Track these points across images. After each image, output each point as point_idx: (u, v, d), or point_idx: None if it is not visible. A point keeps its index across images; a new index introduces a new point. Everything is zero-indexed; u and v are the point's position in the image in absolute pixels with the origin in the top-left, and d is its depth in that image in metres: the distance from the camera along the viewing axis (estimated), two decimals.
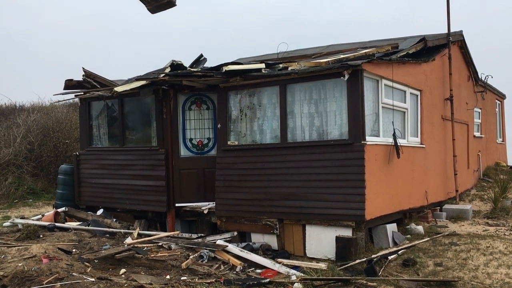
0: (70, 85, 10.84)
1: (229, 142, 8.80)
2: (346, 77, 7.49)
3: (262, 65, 8.75)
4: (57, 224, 9.50)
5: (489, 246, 7.41)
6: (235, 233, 8.62)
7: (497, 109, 17.80)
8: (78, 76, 10.74)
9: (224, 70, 8.52)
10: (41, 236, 8.69)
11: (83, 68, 10.64)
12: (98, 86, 10.55)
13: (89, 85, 10.67)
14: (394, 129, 8.26)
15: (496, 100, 17.68)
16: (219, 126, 8.90)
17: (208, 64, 10.92)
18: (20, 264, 6.46)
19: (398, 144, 8.18)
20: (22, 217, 10.83)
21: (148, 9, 6.27)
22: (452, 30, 11.46)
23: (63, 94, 11.10)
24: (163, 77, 8.74)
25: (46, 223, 9.48)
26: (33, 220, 10.08)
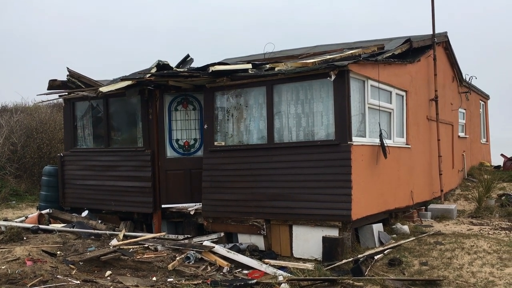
0: (54, 85, 10.71)
1: (215, 143, 8.76)
2: (333, 77, 7.52)
3: (249, 66, 8.73)
4: (41, 226, 9.37)
5: (473, 245, 7.49)
6: (222, 234, 8.60)
7: (481, 110, 18.03)
8: (63, 77, 10.64)
9: (210, 71, 8.49)
10: (24, 238, 8.57)
11: (67, 68, 10.53)
12: (83, 87, 10.44)
13: (73, 85, 10.55)
14: (380, 130, 8.31)
15: (480, 101, 17.91)
16: (205, 126, 8.87)
17: (195, 64, 10.88)
18: (3, 267, 6.37)
19: (385, 144, 8.23)
20: (5, 219, 10.66)
21: None
22: (438, 31, 11.59)
23: (46, 94, 10.97)
24: (149, 77, 8.68)
25: (30, 225, 9.35)
26: (16, 222, 9.92)
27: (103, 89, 9.04)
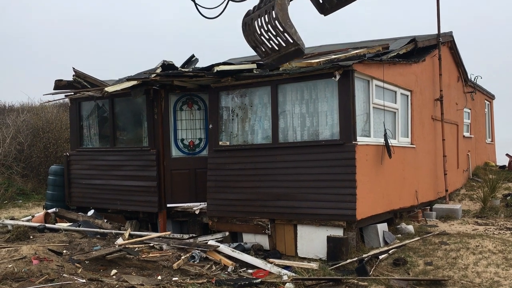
0: (60, 85, 10.78)
1: (220, 143, 8.79)
2: (337, 77, 7.53)
3: (254, 66, 8.75)
4: (47, 225, 9.43)
5: (478, 245, 7.47)
6: (227, 233, 8.61)
7: (486, 110, 17.96)
8: (69, 76, 10.70)
9: (215, 70, 8.52)
10: (31, 237, 8.63)
11: (73, 68, 10.59)
12: (89, 86, 10.50)
13: (79, 85, 10.62)
14: (385, 130, 8.31)
15: (485, 101, 17.85)
16: (210, 126, 8.89)
17: (200, 64, 10.90)
18: (10, 266, 6.42)
19: (390, 144, 8.22)
20: (12, 218, 10.73)
21: (266, 63, 5.32)
22: (444, 31, 11.57)
23: (53, 94, 11.03)
24: (154, 77, 8.72)
25: (36, 224, 9.41)
26: (23, 221, 10.00)
27: (109, 89, 9.09)
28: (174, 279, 6.56)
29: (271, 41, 8.04)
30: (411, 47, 10.00)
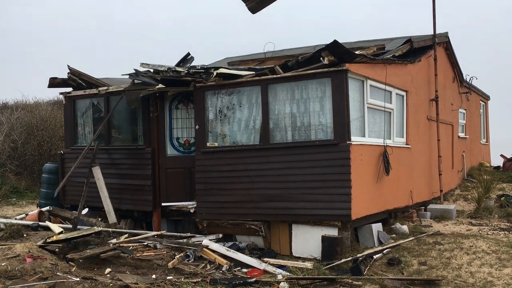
0: (54, 83, 10.72)
1: (208, 144, 8.55)
2: (326, 61, 7.44)
3: (252, 73, 8.69)
4: (41, 223, 9.39)
5: (472, 246, 7.51)
6: (220, 235, 8.53)
7: (481, 110, 18.04)
8: (64, 74, 10.64)
9: (215, 74, 8.43)
10: (24, 235, 8.58)
11: (68, 66, 10.54)
12: (84, 85, 10.45)
13: (74, 83, 10.57)
14: (385, 149, 8.31)
15: (481, 101, 17.93)
16: (197, 127, 8.63)
17: (195, 62, 10.86)
18: (3, 264, 6.38)
19: (389, 162, 8.29)
20: (5, 217, 10.68)
21: (249, 7, 5.68)
22: (439, 32, 11.60)
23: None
24: (150, 89, 8.75)
25: (30, 222, 9.37)
26: (16, 219, 9.94)
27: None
28: (168, 278, 6.55)
29: None
30: (406, 48, 10.01)
